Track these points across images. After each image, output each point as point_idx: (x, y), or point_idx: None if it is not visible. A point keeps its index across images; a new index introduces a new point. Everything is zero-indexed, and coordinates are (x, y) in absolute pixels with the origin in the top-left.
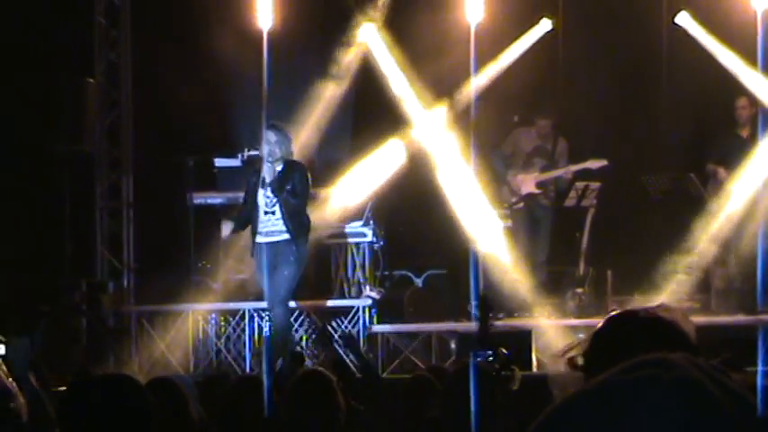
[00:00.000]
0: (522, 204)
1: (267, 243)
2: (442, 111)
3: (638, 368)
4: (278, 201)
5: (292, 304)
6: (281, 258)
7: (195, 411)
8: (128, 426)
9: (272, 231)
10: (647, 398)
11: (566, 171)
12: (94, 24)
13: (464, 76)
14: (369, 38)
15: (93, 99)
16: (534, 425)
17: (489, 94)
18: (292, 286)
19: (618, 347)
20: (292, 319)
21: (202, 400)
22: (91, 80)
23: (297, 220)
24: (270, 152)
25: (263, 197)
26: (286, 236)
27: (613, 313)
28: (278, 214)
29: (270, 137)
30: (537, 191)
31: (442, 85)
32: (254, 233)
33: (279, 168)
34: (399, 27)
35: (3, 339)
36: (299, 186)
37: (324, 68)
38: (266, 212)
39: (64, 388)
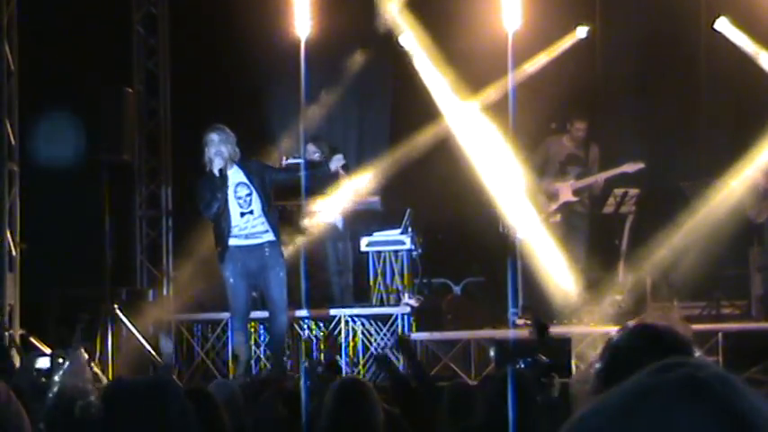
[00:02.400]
0: (559, 214)
1: (249, 246)
2: (479, 112)
3: (668, 369)
4: (259, 198)
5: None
6: (271, 261)
7: (228, 421)
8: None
9: (254, 233)
10: (689, 396)
11: (596, 179)
12: (133, 33)
13: (500, 81)
14: (407, 43)
15: (132, 108)
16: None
17: (525, 102)
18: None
19: (632, 358)
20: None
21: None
22: (129, 89)
23: (276, 215)
24: (217, 152)
25: (234, 199)
26: (270, 236)
27: (630, 324)
28: (257, 213)
29: (212, 137)
30: (574, 199)
31: (477, 89)
32: (227, 237)
33: (232, 169)
34: (436, 36)
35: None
36: (269, 180)
37: (360, 75)
38: (243, 213)
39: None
